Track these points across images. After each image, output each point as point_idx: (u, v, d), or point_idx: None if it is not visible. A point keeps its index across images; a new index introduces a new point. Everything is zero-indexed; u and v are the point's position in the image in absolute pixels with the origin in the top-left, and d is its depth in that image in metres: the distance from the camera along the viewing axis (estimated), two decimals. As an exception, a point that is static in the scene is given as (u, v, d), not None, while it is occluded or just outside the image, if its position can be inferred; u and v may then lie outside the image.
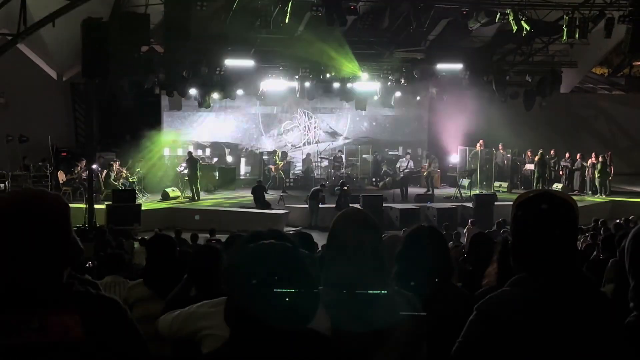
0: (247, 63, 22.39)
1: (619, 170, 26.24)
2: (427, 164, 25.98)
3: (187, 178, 23.51)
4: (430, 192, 24.29)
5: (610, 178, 25.06)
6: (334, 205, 20.64)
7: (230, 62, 22.18)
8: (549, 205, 2.40)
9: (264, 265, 2.03)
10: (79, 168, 22.23)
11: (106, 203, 20.42)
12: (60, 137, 24.14)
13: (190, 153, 23.98)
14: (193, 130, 27.08)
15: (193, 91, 23.78)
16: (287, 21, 19.03)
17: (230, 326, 2.08)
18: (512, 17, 20.35)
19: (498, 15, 20.78)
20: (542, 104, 26.02)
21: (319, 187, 21.67)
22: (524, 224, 2.43)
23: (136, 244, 14.93)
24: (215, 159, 26.57)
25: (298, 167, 27.60)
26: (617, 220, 15.94)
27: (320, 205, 20.95)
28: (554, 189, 22.48)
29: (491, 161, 26.21)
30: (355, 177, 26.98)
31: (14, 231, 2.10)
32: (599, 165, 24.82)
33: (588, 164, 25.44)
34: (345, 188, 21.37)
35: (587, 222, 16.45)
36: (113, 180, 22.19)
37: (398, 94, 26.42)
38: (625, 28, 19.86)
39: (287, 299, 1.97)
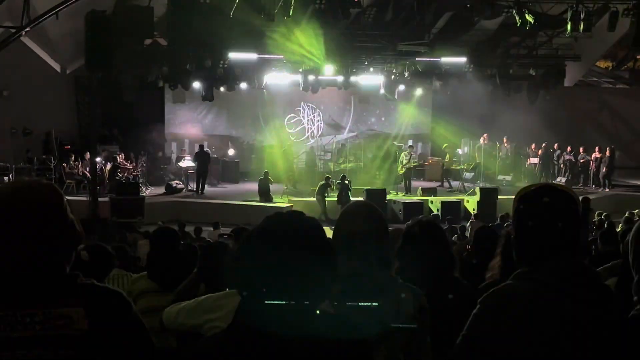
0: (251, 56, 22.35)
1: (622, 163, 26.21)
2: (444, 158, 26.18)
3: (191, 172, 23.54)
4: (450, 187, 24.89)
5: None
6: (336, 199, 20.75)
7: (234, 55, 22.14)
8: (550, 198, 2.40)
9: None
10: (78, 161, 22.27)
11: (110, 196, 20.46)
12: (63, 130, 24.19)
13: (201, 146, 24.00)
14: (196, 124, 27.11)
15: (196, 84, 23.78)
16: (290, 14, 18.99)
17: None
18: (515, 11, 20.29)
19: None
20: (545, 97, 25.96)
21: (324, 181, 21.66)
22: (526, 217, 2.43)
23: (139, 237, 14.97)
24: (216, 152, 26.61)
25: (301, 161, 27.60)
26: (627, 214, 15.97)
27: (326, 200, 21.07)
28: (557, 182, 22.51)
29: (495, 155, 26.22)
30: (358, 170, 26.96)
31: (7, 223, 2.11)
32: (606, 159, 24.79)
33: (592, 158, 25.42)
34: (346, 182, 21.38)
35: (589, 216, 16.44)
36: (117, 173, 22.23)
37: (402, 87, 26.36)
38: (630, 21, 19.79)
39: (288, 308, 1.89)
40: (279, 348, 1.87)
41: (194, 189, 23.20)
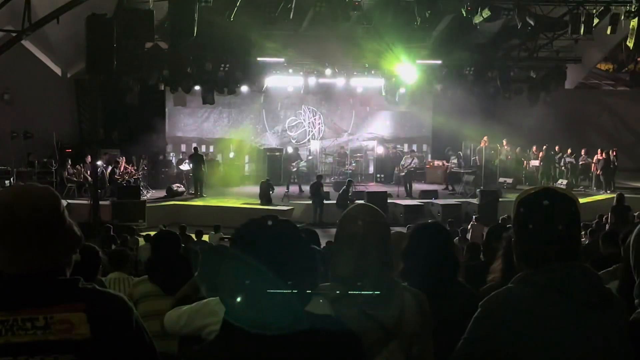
0: (252, 59, 22.36)
1: (623, 165, 26.19)
2: (449, 162, 26.25)
3: (191, 174, 23.54)
4: (453, 191, 24.92)
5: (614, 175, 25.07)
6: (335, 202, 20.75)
7: (235, 58, 22.15)
8: (550, 201, 2.40)
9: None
10: (80, 165, 22.26)
11: (111, 199, 20.46)
12: (64, 134, 24.18)
13: (196, 149, 24.02)
14: (197, 127, 27.12)
15: (197, 87, 23.79)
16: (291, 17, 19.02)
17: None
18: (516, 13, 20.31)
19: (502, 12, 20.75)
20: (546, 99, 25.96)
21: (317, 180, 21.51)
22: (527, 220, 2.43)
23: (141, 241, 14.97)
24: (218, 155, 26.60)
25: (302, 164, 27.59)
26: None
27: (325, 202, 20.99)
28: (558, 185, 22.51)
29: (495, 157, 26.20)
30: (360, 173, 26.98)
31: (7, 227, 2.10)
32: (602, 162, 24.80)
33: (593, 160, 25.43)
34: (351, 187, 21.33)
35: (591, 218, 16.42)
36: (118, 176, 22.22)
37: (402, 90, 26.37)
38: (631, 24, 19.81)
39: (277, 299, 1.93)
40: (271, 343, 1.91)
41: (194, 193, 23.19)
